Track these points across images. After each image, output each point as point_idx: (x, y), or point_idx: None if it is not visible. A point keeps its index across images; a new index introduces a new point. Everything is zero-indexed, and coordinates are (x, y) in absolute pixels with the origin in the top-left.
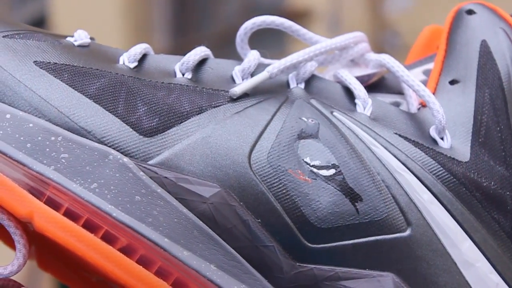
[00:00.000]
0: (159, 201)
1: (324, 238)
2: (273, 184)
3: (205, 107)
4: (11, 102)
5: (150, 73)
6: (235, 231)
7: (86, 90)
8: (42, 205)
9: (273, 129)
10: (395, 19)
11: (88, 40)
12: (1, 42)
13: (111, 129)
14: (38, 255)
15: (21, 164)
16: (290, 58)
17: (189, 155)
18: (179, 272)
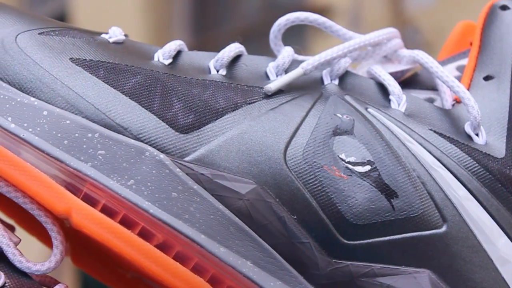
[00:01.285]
0: (196, 198)
1: (360, 234)
2: (309, 180)
3: (240, 103)
4: (48, 99)
5: (184, 69)
6: (271, 227)
7: (122, 87)
8: (80, 202)
9: (308, 126)
10: (415, 16)
11: (123, 37)
12: (37, 39)
13: (147, 125)
14: (73, 252)
15: (58, 161)
16: (324, 54)
17: (225, 151)
18: (215, 269)
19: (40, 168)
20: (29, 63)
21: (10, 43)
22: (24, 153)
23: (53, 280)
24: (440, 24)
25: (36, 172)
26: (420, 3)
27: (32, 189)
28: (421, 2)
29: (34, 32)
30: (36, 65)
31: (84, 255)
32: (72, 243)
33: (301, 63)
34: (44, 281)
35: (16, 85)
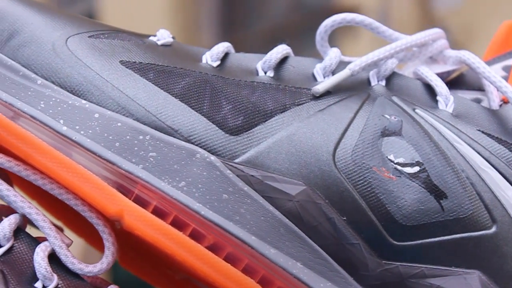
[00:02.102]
0: (246, 199)
1: (410, 235)
2: (358, 181)
3: (288, 105)
4: (99, 102)
5: (232, 71)
6: (321, 228)
7: (172, 89)
8: (132, 204)
9: (356, 127)
10: (444, 16)
11: (171, 39)
12: (87, 42)
13: (197, 127)
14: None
15: (110, 163)
16: (371, 55)
17: (274, 153)
18: (265, 270)
19: (92, 170)
20: (80, 66)
21: (61, 46)
22: (76, 155)
23: (104, 282)
24: (468, 24)
25: (88, 174)
26: (448, 2)
27: (84, 191)
28: (449, 2)
29: (84, 35)
30: (87, 68)
31: (133, 256)
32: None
33: (348, 64)
34: (95, 282)
35: (67, 88)
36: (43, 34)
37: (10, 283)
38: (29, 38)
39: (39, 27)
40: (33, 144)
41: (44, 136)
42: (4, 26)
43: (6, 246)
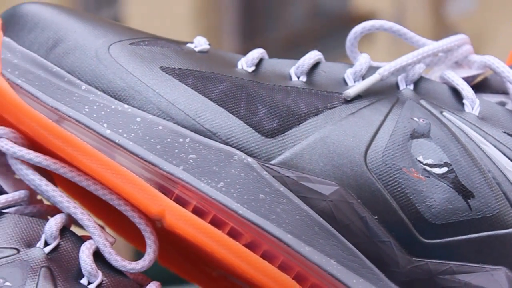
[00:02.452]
0: (282, 199)
1: (439, 233)
2: (389, 182)
3: (321, 108)
4: (141, 106)
5: (267, 76)
6: (353, 227)
7: (210, 93)
8: (173, 203)
9: (386, 129)
10: (457, 21)
11: (207, 46)
12: (128, 49)
13: (235, 130)
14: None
15: (152, 165)
16: (399, 60)
17: (308, 154)
18: (300, 266)
19: (134, 172)
20: (122, 72)
21: (104, 53)
22: (119, 157)
23: (145, 278)
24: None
25: (131, 175)
26: (461, 8)
27: (127, 192)
28: (462, 8)
29: (125, 42)
30: (129, 74)
31: (171, 254)
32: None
33: (377, 69)
34: (137, 279)
35: (110, 93)
36: (86, 42)
37: (57, 279)
38: (73, 46)
39: (82, 35)
40: (78, 147)
41: (88, 139)
42: (49, 34)
43: (53, 244)
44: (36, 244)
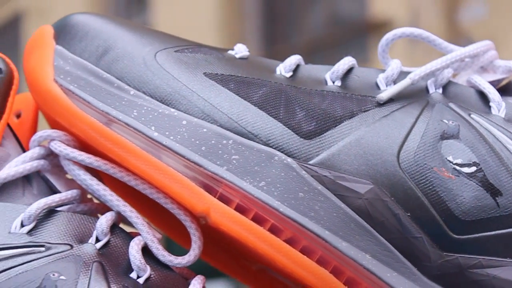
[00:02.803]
0: (320, 197)
1: (468, 229)
2: (421, 180)
3: (355, 111)
4: (186, 110)
5: (303, 81)
6: (387, 223)
7: (251, 97)
8: (218, 202)
9: (418, 131)
10: (469, 27)
11: (247, 53)
12: (174, 56)
13: (275, 132)
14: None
15: (197, 165)
16: (429, 65)
17: (344, 155)
18: (337, 261)
19: (180, 171)
20: (168, 78)
21: (151, 60)
22: (165, 158)
23: (190, 272)
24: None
25: (177, 174)
26: (473, 15)
27: (174, 190)
28: (474, 14)
29: (170, 50)
30: (175, 80)
31: (213, 249)
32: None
33: (407, 74)
34: (183, 273)
35: (158, 98)
36: (134, 50)
37: (108, 273)
38: (121, 53)
39: (130, 43)
40: (127, 148)
41: (136, 141)
42: (99, 43)
43: (104, 241)
44: (88, 240)
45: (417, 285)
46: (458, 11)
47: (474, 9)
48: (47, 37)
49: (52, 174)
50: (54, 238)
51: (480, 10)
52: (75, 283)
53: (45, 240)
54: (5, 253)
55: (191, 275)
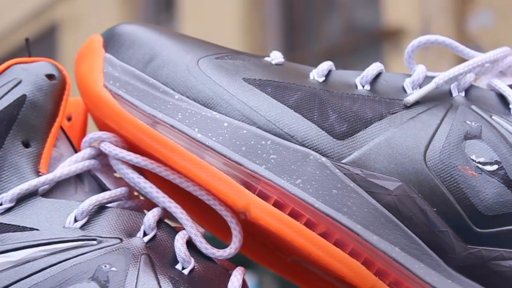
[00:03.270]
0: (352, 194)
1: (491, 223)
2: (446, 178)
3: (384, 114)
4: (227, 113)
5: (335, 86)
6: (415, 218)
7: (287, 101)
8: (257, 198)
9: (443, 132)
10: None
11: (282, 59)
12: (214, 63)
13: (310, 133)
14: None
15: (238, 164)
16: (452, 71)
17: (374, 154)
18: (368, 253)
19: (222, 170)
20: (210, 83)
21: (193, 67)
22: (208, 157)
23: (231, 264)
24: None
25: (219, 173)
26: (481, 23)
27: (216, 188)
28: (482, 23)
29: (211, 57)
30: (216, 85)
31: (251, 242)
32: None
33: (431, 78)
34: (224, 264)
35: (200, 101)
36: (178, 57)
37: (156, 265)
38: (166, 61)
39: (174, 51)
40: (172, 149)
41: (181, 142)
42: (145, 51)
43: (151, 235)
44: (136, 234)
45: (443, 275)
46: (466, 19)
47: (481, 18)
48: (97, 46)
49: (102, 173)
50: (105, 232)
51: (486, 19)
52: (125, 274)
53: (97, 234)
54: (60, 246)
55: (231, 267)
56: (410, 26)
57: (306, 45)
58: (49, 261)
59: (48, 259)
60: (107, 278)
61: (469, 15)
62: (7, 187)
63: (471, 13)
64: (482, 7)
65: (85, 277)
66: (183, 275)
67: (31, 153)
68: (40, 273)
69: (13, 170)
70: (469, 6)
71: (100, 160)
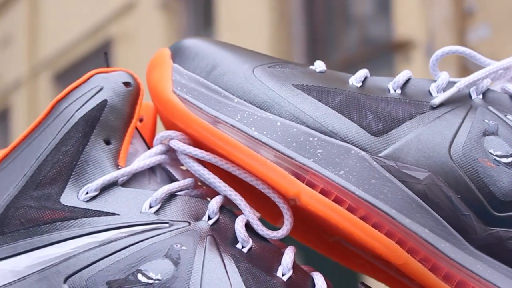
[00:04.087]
0: (388, 183)
1: (507, 208)
2: (468, 169)
3: (414, 114)
4: (279, 114)
5: (371, 90)
6: (442, 204)
7: (330, 103)
8: (306, 187)
9: (465, 129)
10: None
11: (325, 68)
12: (267, 71)
13: (351, 131)
14: None
15: (289, 158)
16: (472, 76)
17: (406, 149)
18: (401, 234)
19: (275, 163)
20: (264, 88)
21: (250, 74)
22: (263, 152)
23: (282, 244)
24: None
25: (273, 165)
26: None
27: (270, 178)
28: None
29: (265, 66)
30: (269, 90)
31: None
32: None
33: (453, 83)
34: (277, 244)
35: (256, 104)
36: (236, 66)
37: (219, 244)
38: (226, 69)
39: (233, 61)
40: (233, 145)
41: (240, 139)
42: (208, 61)
43: (214, 218)
44: (202, 218)
45: (465, 253)
46: (467, 32)
47: (479, 31)
48: (166, 58)
49: (171, 166)
50: (175, 216)
51: (484, 32)
52: (193, 252)
53: (169, 218)
54: (138, 228)
55: (283, 246)
56: (417, 39)
57: (327, 56)
58: (129, 241)
59: (128, 239)
60: (179, 255)
61: (469, 28)
62: (91, 178)
63: (470, 26)
64: (480, 22)
65: (160, 255)
66: (242, 253)
67: (111, 149)
68: (122, 251)
69: (96, 164)
70: (469, 20)
71: (170, 155)
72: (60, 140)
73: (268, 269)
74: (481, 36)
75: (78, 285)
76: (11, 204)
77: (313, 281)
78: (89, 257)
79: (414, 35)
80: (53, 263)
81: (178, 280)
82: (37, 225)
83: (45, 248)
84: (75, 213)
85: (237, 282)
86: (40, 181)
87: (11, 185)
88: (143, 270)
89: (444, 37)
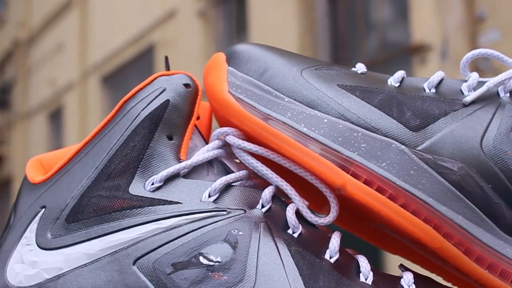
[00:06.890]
0: (425, 174)
1: None
2: (498, 161)
3: (448, 111)
4: (326, 112)
5: (408, 89)
6: (475, 193)
7: (372, 101)
8: (352, 178)
9: (494, 124)
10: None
11: (365, 70)
12: (314, 73)
13: (391, 127)
14: None
15: (335, 151)
16: (500, 76)
17: (442, 143)
18: (437, 220)
19: (322, 156)
20: (312, 88)
21: (298, 76)
22: (311, 146)
23: (329, 230)
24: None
25: (321, 158)
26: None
27: (319, 170)
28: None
29: (312, 68)
30: (316, 90)
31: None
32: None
33: (483, 83)
34: (324, 229)
35: (305, 103)
36: (286, 68)
37: (272, 230)
38: (277, 71)
39: (283, 64)
40: (284, 140)
41: (290, 134)
42: (260, 64)
43: (267, 206)
44: (256, 206)
45: (496, 237)
46: (478, 36)
47: (489, 35)
48: (221, 61)
49: (227, 159)
50: (232, 205)
51: (494, 35)
52: (249, 237)
53: (226, 206)
54: (199, 216)
55: (329, 231)
56: (432, 42)
57: (350, 60)
58: (191, 227)
59: (190, 225)
60: (236, 240)
61: (480, 32)
62: (156, 171)
63: (481, 31)
64: (490, 26)
65: (219, 240)
66: (293, 238)
67: (174, 144)
68: (184, 236)
69: (160, 158)
70: (480, 25)
71: (225, 149)
72: (128, 136)
73: (317, 252)
74: (491, 39)
75: (146, 266)
76: (85, 194)
77: (357, 263)
78: (156, 242)
79: (429, 39)
80: (123, 246)
81: (236, 262)
82: (108, 213)
83: (116, 233)
84: (142, 202)
85: (289, 264)
86: (110, 173)
87: (84, 177)
88: (204, 253)
89: (457, 41)
